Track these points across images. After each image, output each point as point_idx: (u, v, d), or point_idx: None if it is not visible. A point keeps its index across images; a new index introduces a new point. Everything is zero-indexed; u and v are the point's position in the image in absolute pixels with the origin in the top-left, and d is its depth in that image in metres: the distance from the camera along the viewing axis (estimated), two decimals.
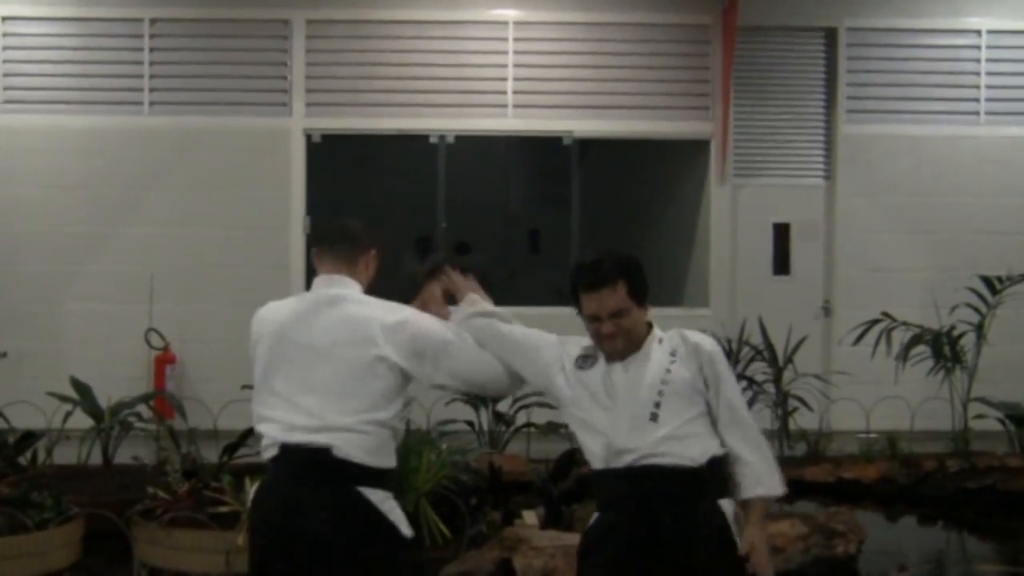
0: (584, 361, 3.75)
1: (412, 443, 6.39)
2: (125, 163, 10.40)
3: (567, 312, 3.84)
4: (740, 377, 7.06)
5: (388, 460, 3.62)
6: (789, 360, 7.02)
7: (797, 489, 8.07)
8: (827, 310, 11.23)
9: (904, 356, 9.19)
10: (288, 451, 3.56)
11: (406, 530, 3.56)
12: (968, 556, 7.58)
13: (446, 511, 6.49)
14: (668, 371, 3.63)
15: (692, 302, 11.55)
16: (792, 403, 7.42)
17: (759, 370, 7.06)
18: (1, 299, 10.28)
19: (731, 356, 7.16)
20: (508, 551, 5.93)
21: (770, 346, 7.00)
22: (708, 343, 3.76)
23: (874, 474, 8.74)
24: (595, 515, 3.73)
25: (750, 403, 7.18)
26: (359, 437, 3.53)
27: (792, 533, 6.36)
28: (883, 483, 8.69)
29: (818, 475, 8.72)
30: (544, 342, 3.84)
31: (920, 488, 8.60)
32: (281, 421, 3.58)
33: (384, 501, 3.55)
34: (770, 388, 7.00)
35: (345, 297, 3.71)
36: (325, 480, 3.50)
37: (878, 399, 9.83)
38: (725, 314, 10.95)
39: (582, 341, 3.81)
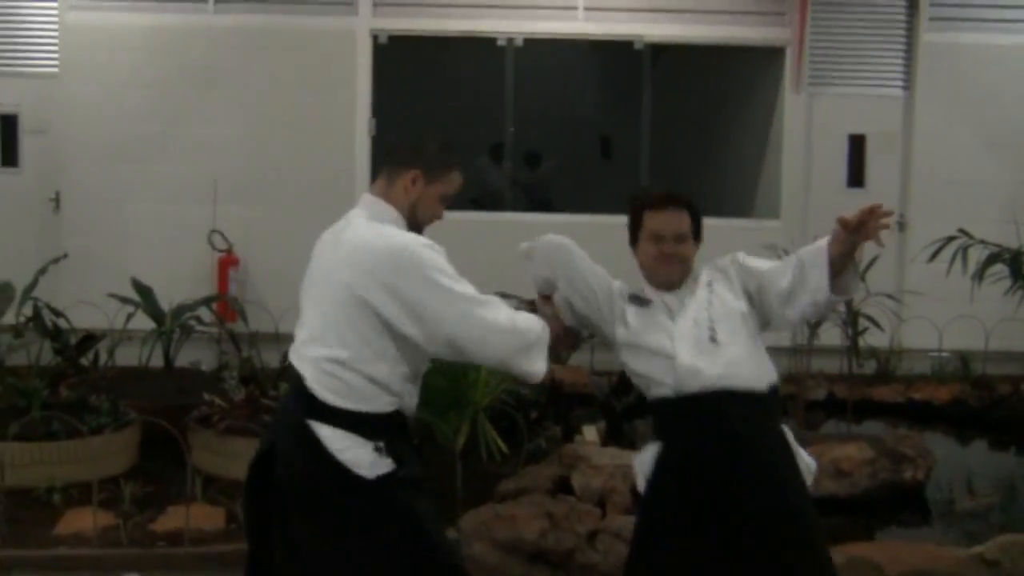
0: (635, 299, 3.78)
1: None
2: (189, 62, 10.24)
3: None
4: None
5: (366, 404, 3.39)
6: (861, 278, 6.75)
7: (865, 409, 7.90)
8: (902, 225, 10.94)
9: (980, 275, 8.91)
10: (289, 372, 3.58)
11: (366, 471, 3.34)
12: None
13: (506, 426, 6.38)
14: (711, 300, 3.72)
15: (762, 213, 11.32)
16: (863, 323, 7.14)
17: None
18: (63, 199, 10.24)
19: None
20: (567, 468, 5.82)
21: None
22: (732, 257, 3.92)
23: (946, 396, 8.52)
24: (656, 446, 3.61)
25: (818, 324, 6.95)
26: (322, 375, 3.39)
27: (859, 457, 6.19)
28: (955, 405, 8.47)
29: (887, 395, 8.53)
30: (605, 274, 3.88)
31: (993, 412, 8.36)
32: (295, 340, 3.57)
33: (338, 439, 3.35)
34: (840, 306, 6.75)
35: (351, 222, 3.54)
36: (295, 409, 3.44)
37: (952, 318, 9.56)
38: (796, 227, 10.73)
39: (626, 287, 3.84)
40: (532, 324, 3.52)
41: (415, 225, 3.55)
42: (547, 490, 5.69)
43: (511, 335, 3.40)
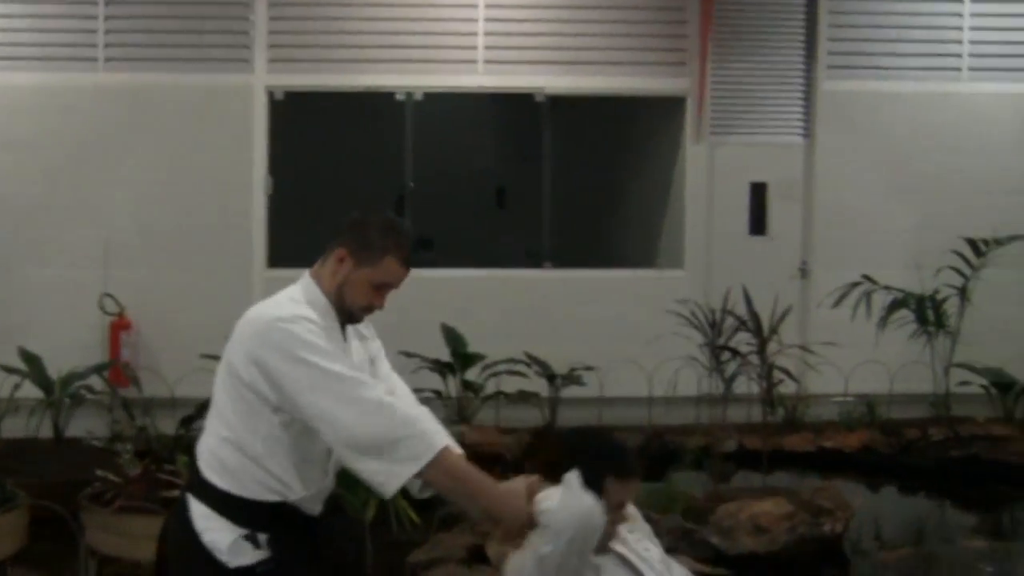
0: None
1: None
2: (78, 122, 9.91)
3: (533, 275, 3.57)
4: (724, 348, 6.75)
5: (242, 488, 3.18)
6: (774, 330, 6.73)
7: (776, 459, 7.82)
8: (804, 271, 10.96)
9: (885, 320, 8.94)
10: None
11: (224, 557, 3.15)
12: (952, 531, 7.30)
13: None
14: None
15: (666, 263, 11.26)
16: (776, 374, 7.08)
17: (743, 341, 6.76)
18: None
19: (715, 327, 6.84)
20: (480, 536, 5.61)
21: (755, 315, 6.70)
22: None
23: (855, 443, 8.49)
24: None
25: (733, 377, 6.85)
26: (207, 451, 3.26)
27: (777, 512, 6.09)
28: (864, 452, 8.45)
29: (798, 444, 8.46)
30: None
31: (902, 457, 8.35)
32: None
33: (203, 518, 3.19)
34: (753, 359, 6.68)
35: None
36: (185, 482, 3.43)
37: (857, 363, 9.55)
38: (700, 276, 10.71)
39: None
40: (418, 423, 3.12)
41: (343, 311, 3.28)
42: (461, 559, 5.48)
43: (375, 416, 3.05)
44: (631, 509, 3.40)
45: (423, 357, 8.91)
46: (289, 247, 10.88)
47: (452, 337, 9.10)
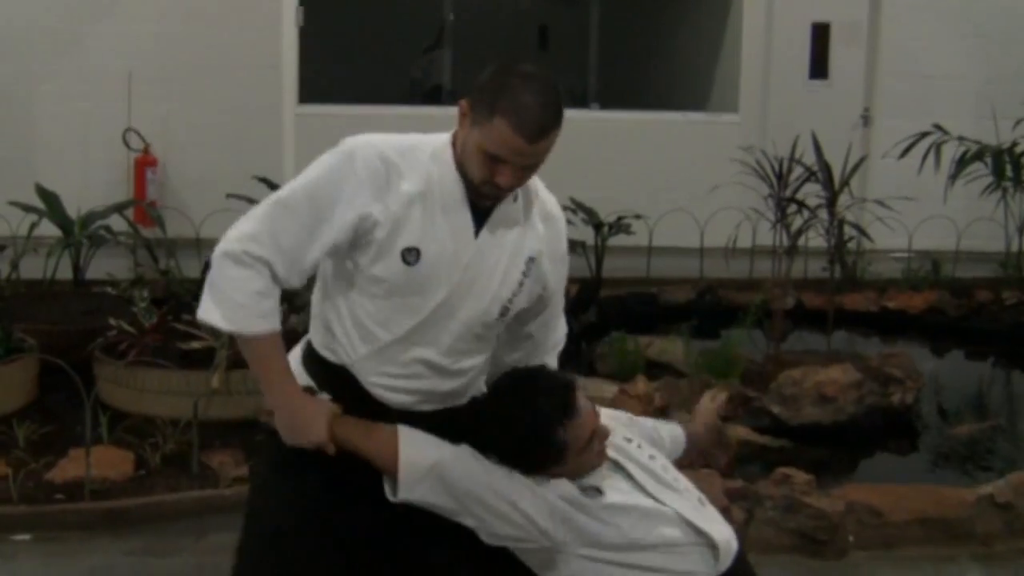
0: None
1: None
2: None
3: (578, 115, 2.95)
4: (792, 200, 6.19)
5: (315, 341, 2.78)
6: (846, 182, 6.16)
7: (836, 318, 7.32)
8: (867, 120, 10.37)
9: (957, 173, 8.33)
10: None
11: None
12: None
13: None
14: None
15: (719, 107, 10.70)
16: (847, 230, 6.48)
17: (810, 193, 6.20)
18: None
19: (781, 177, 6.27)
20: None
21: (826, 166, 6.11)
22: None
23: (921, 304, 7.97)
24: None
25: (800, 231, 6.28)
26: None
27: (844, 380, 5.60)
28: (931, 313, 7.93)
29: (859, 303, 7.97)
30: None
31: (973, 321, 7.82)
32: None
33: (293, 362, 2.81)
34: (823, 214, 6.12)
35: None
36: None
37: (921, 219, 8.99)
38: (755, 121, 10.21)
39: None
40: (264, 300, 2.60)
41: (469, 182, 2.60)
42: None
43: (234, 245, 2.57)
44: (620, 418, 2.98)
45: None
46: (322, 82, 10.35)
47: None
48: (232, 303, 2.55)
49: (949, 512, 4.41)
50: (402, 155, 2.61)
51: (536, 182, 2.72)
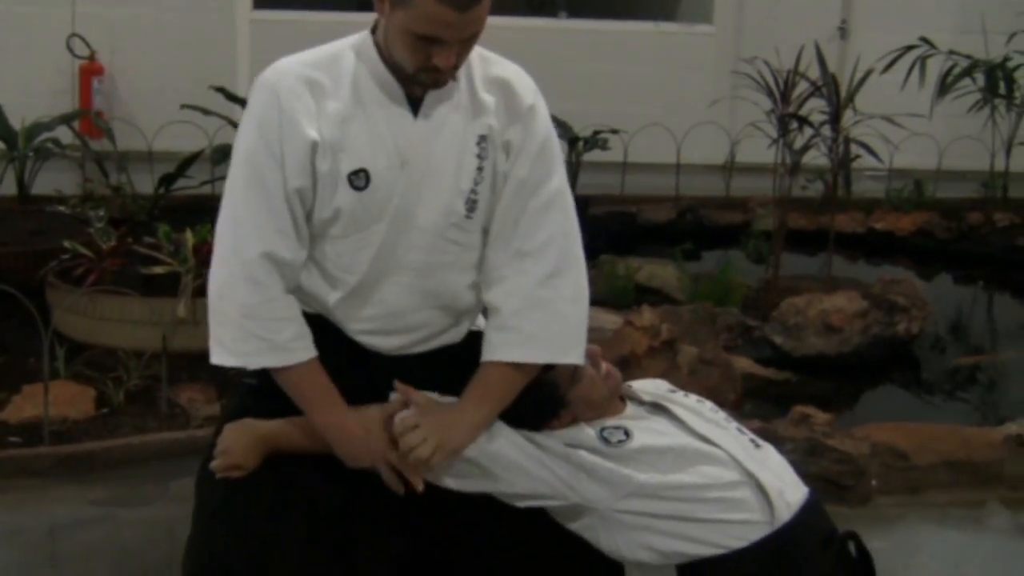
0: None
1: None
2: None
3: (547, 24, 2.54)
4: (794, 116, 5.84)
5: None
6: (851, 98, 5.82)
7: (818, 239, 7.04)
8: (844, 31, 10.00)
9: (947, 88, 8.02)
10: None
11: None
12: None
13: None
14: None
15: (691, 16, 10.26)
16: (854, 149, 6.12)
17: (814, 108, 5.85)
18: None
19: (786, 87, 5.91)
20: None
21: (833, 80, 5.76)
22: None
23: (909, 225, 7.70)
24: None
25: (805, 148, 5.92)
26: None
27: (850, 309, 5.29)
28: (919, 235, 7.65)
29: (846, 225, 7.65)
30: None
31: (963, 244, 7.55)
32: None
33: None
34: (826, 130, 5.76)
35: None
36: None
37: (902, 137, 8.68)
38: (729, 32, 9.82)
39: None
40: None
41: (401, 73, 2.31)
42: None
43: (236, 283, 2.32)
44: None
45: None
46: None
47: None
48: (253, 336, 2.33)
49: (976, 454, 4.14)
50: (323, 69, 2.31)
51: (475, 50, 2.36)
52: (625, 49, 9.68)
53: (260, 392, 2.44)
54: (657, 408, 2.53)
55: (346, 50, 2.36)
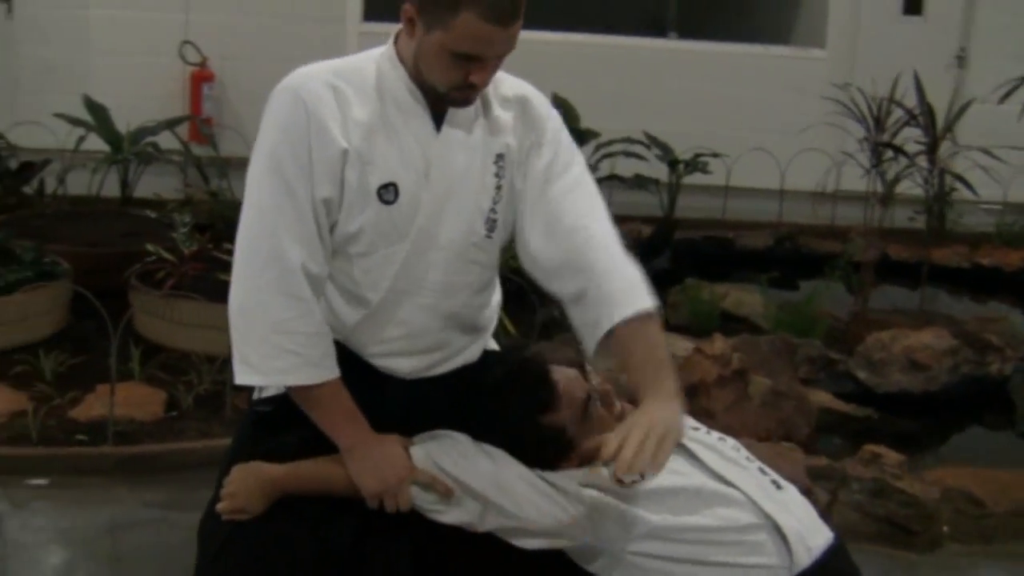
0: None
1: None
2: None
3: (656, 44, 2.48)
4: (888, 145, 5.68)
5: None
6: (949, 128, 5.64)
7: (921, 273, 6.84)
8: (962, 60, 9.74)
9: None
10: None
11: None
12: None
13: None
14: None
15: (803, 40, 10.09)
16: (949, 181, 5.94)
17: (911, 137, 5.68)
18: (16, 2, 8.97)
19: (877, 119, 5.76)
20: (579, 351, 4.76)
21: (929, 109, 5.59)
22: None
23: (1017, 261, 7.43)
24: None
25: (897, 179, 5.76)
26: None
27: (938, 347, 5.12)
28: None
29: (949, 258, 7.41)
30: None
31: None
32: None
33: None
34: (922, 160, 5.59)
35: None
36: None
37: (1018, 170, 8.40)
38: (843, 58, 9.60)
39: None
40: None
41: (433, 92, 2.27)
42: None
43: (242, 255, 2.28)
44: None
45: None
46: None
47: (564, 109, 8.08)
48: (286, 352, 2.25)
49: None
50: (346, 79, 2.27)
51: None
52: (734, 71, 9.55)
53: (272, 423, 2.39)
54: (677, 446, 2.45)
55: (368, 62, 2.33)
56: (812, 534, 2.31)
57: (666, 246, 5.96)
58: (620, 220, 2.49)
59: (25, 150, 7.44)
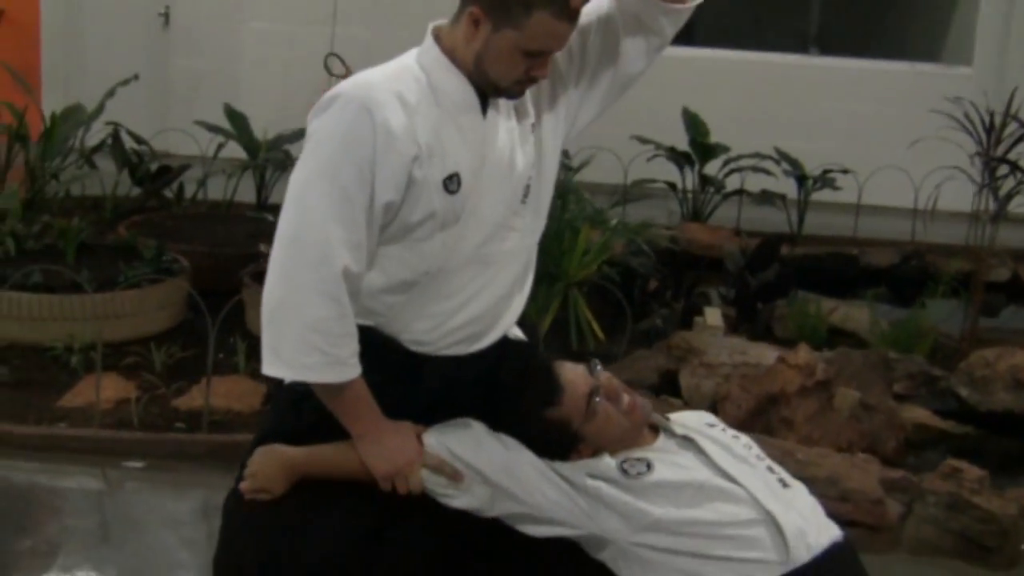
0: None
1: (569, 218, 5.19)
2: None
3: (795, 60, 2.54)
4: (1002, 160, 5.56)
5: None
6: None
7: None
8: None
9: None
10: None
11: None
12: None
13: (610, 301, 5.30)
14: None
15: (952, 58, 9.89)
16: None
17: None
18: (173, 15, 9.39)
19: (991, 132, 5.64)
20: (675, 361, 4.79)
21: None
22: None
23: None
24: None
25: (1011, 195, 5.63)
26: None
27: None
28: None
29: None
30: None
31: None
32: None
33: None
34: None
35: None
36: None
37: None
38: (990, 75, 9.35)
39: None
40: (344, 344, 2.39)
41: (491, 86, 2.40)
42: (652, 384, 4.70)
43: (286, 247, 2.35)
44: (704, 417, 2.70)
45: (658, 144, 8.03)
46: None
47: (693, 124, 8.12)
48: (315, 350, 2.34)
49: None
50: (403, 82, 2.38)
51: None
52: (876, 89, 9.42)
53: (304, 402, 2.50)
54: (687, 441, 2.49)
55: (412, 65, 2.44)
56: (816, 531, 2.33)
57: (772, 260, 5.92)
58: (740, 235, 2.58)
59: (171, 156, 7.80)
